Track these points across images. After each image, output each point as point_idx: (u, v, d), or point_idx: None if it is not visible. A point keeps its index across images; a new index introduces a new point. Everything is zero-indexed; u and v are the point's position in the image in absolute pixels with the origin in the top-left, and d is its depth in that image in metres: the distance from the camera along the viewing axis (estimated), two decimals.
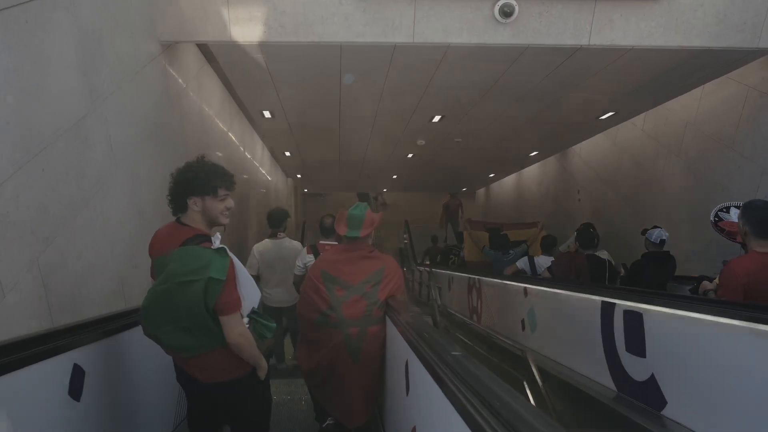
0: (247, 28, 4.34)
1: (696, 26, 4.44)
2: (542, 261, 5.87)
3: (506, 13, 4.32)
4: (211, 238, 2.15)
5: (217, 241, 2.13)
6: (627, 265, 5.31)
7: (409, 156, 11.64)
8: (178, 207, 2.20)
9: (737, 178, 5.78)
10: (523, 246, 7.17)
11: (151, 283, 2.25)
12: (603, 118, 7.94)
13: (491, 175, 15.72)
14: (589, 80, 6.06)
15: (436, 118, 8.05)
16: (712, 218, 4.18)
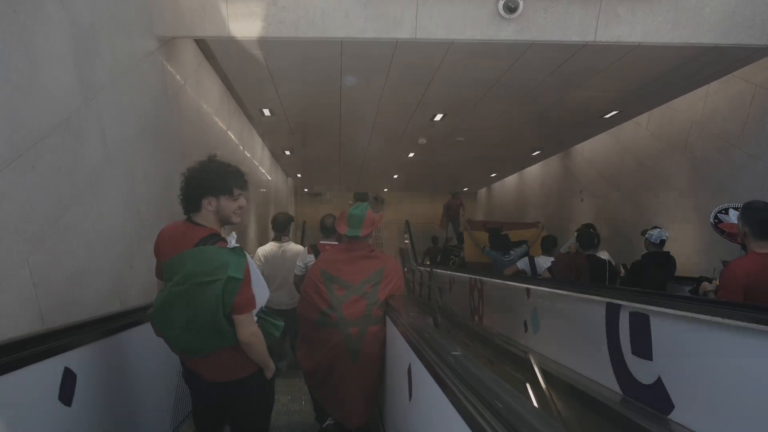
0: (246, 24, 4.27)
1: (704, 22, 4.36)
2: (542, 261, 5.86)
3: (510, 8, 4.24)
4: (224, 237, 2.13)
5: (233, 240, 2.12)
6: (627, 266, 5.29)
7: (410, 155, 11.57)
8: (191, 206, 2.17)
9: (743, 178, 5.71)
10: (524, 246, 7.13)
11: (156, 283, 2.23)
12: (607, 116, 7.86)
13: (493, 175, 15.66)
14: (594, 78, 5.98)
15: (438, 116, 7.97)
16: (711, 220, 4.17)
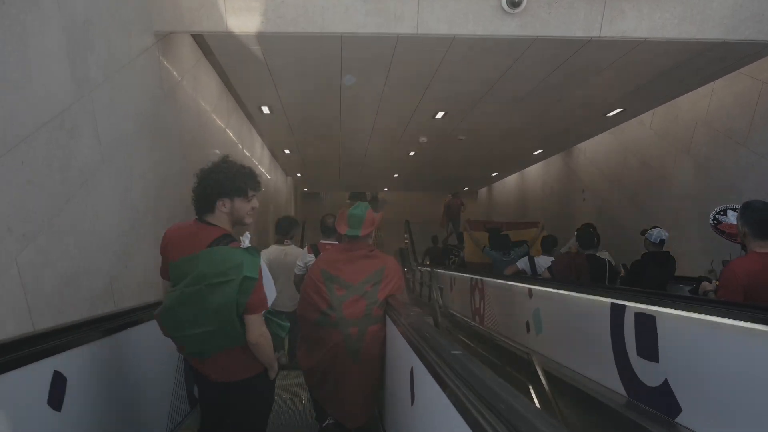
0: (244, 19, 4.19)
1: (711, 17, 4.28)
2: (542, 261, 5.85)
3: (514, 3, 4.16)
4: (236, 237, 2.13)
5: (247, 240, 2.11)
6: (627, 266, 5.27)
7: (411, 154, 11.50)
8: (205, 207, 2.16)
9: (750, 177, 5.63)
10: (524, 246, 7.13)
11: (162, 284, 2.22)
12: (610, 115, 7.78)
13: (494, 175, 15.59)
14: (598, 75, 5.90)
15: (439, 114, 7.89)
16: (710, 221, 4.15)
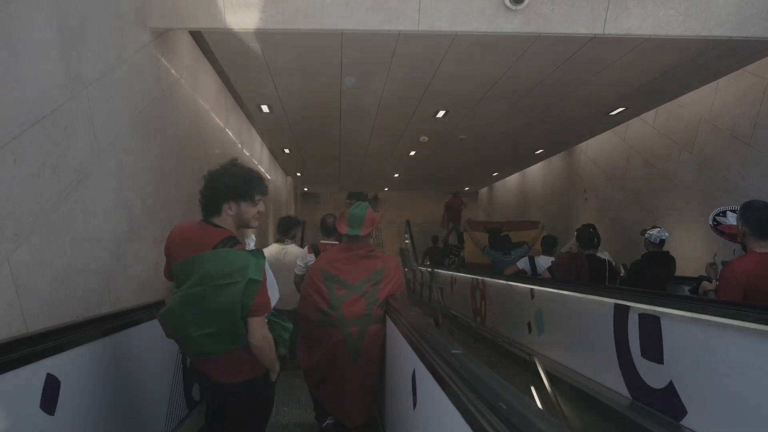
0: (242, 15, 4.12)
1: (717, 14, 4.21)
2: (542, 261, 5.87)
3: None
4: (240, 240, 2.14)
5: (251, 243, 2.15)
6: (627, 266, 5.27)
7: (412, 154, 11.44)
8: (212, 210, 2.17)
9: (754, 176, 5.58)
10: (524, 247, 7.14)
11: (166, 284, 2.22)
12: (613, 113, 7.71)
13: (495, 174, 15.52)
14: (601, 73, 5.84)
15: (441, 113, 7.82)
16: (710, 222, 4.14)
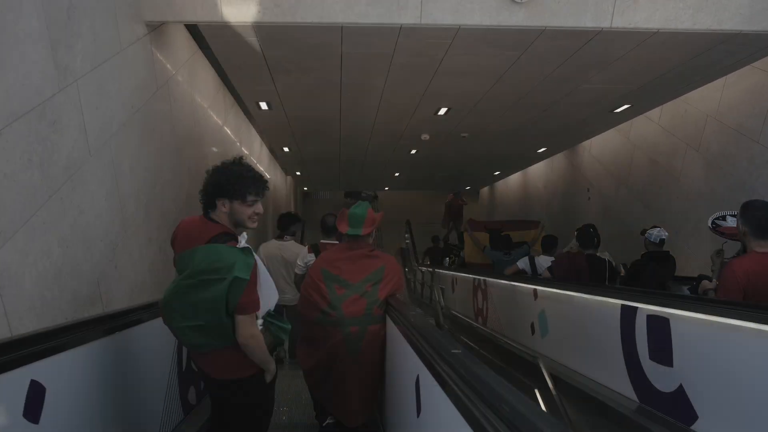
0: (239, 8, 4.01)
1: (727, 7, 4.11)
2: (543, 261, 5.88)
3: None
4: (236, 237, 2.17)
5: (243, 240, 2.16)
6: (627, 265, 5.26)
7: (413, 152, 11.33)
8: (208, 204, 2.23)
9: (763, 174, 5.47)
10: (525, 246, 7.16)
11: (176, 275, 2.25)
12: (617, 111, 7.59)
13: (496, 173, 15.43)
14: (606, 69, 5.73)
15: (442, 110, 7.70)
16: (709, 225, 4.18)
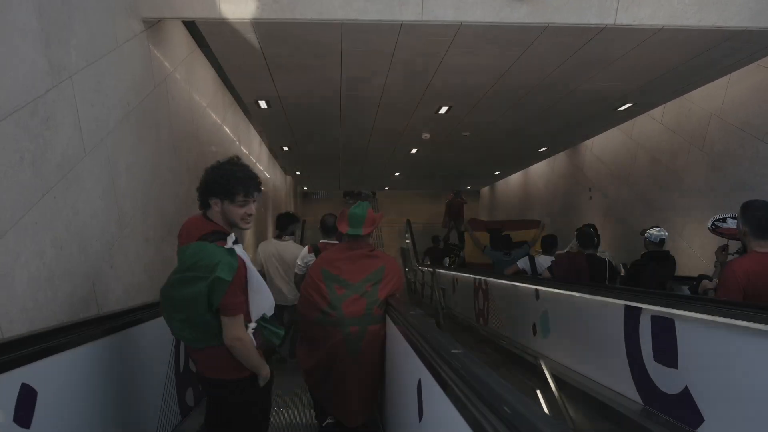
0: (238, 5, 3.96)
1: (733, 3, 4.05)
2: (542, 261, 5.88)
3: None
4: (226, 236, 2.17)
5: (230, 241, 2.14)
6: (627, 265, 5.27)
7: (413, 152, 11.28)
8: (203, 203, 2.26)
9: None
10: (525, 246, 7.18)
11: None
12: (620, 109, 7.53)
13: (497, 173, 15.37)
14: (609, 67, 5.67)
15: (443, 109, 7.64)
16: (708, 227, 4.23)
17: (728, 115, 6.04)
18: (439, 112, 7.81)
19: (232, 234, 2.18)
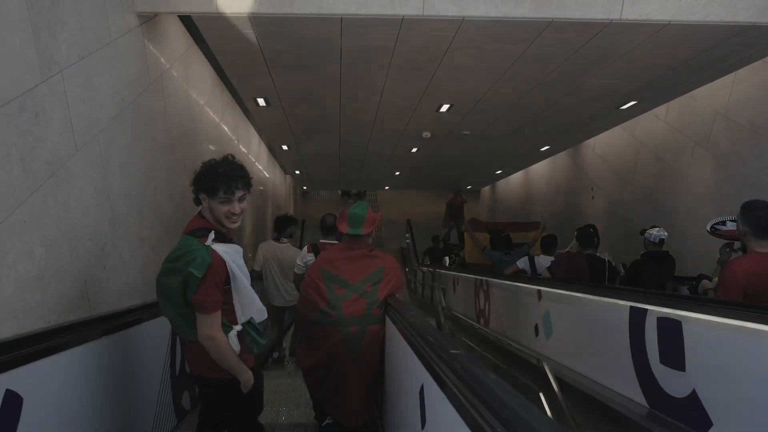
0: None
1: None
2: (542, 261, 5.85)
3: None
4: (208, 233, 2.16)
5: (210, 239, 2.12)
6: (627, 265, 5.25)
7: (413, 151, 11.20)
8: (195, 199, 2.26)
9: None
10: (525, 247, 7.18)
11: None
12: (624, 107, 7.44)
13: (498, 172, 15.29)
14: (614, 64, 5.58)
15: (444, 107, 7.56)
16: (708, 229, 4.18)
17: (734, 113, 5.97)
18: (440, 110, 7.72)
19: (212, 232, 2.14)
